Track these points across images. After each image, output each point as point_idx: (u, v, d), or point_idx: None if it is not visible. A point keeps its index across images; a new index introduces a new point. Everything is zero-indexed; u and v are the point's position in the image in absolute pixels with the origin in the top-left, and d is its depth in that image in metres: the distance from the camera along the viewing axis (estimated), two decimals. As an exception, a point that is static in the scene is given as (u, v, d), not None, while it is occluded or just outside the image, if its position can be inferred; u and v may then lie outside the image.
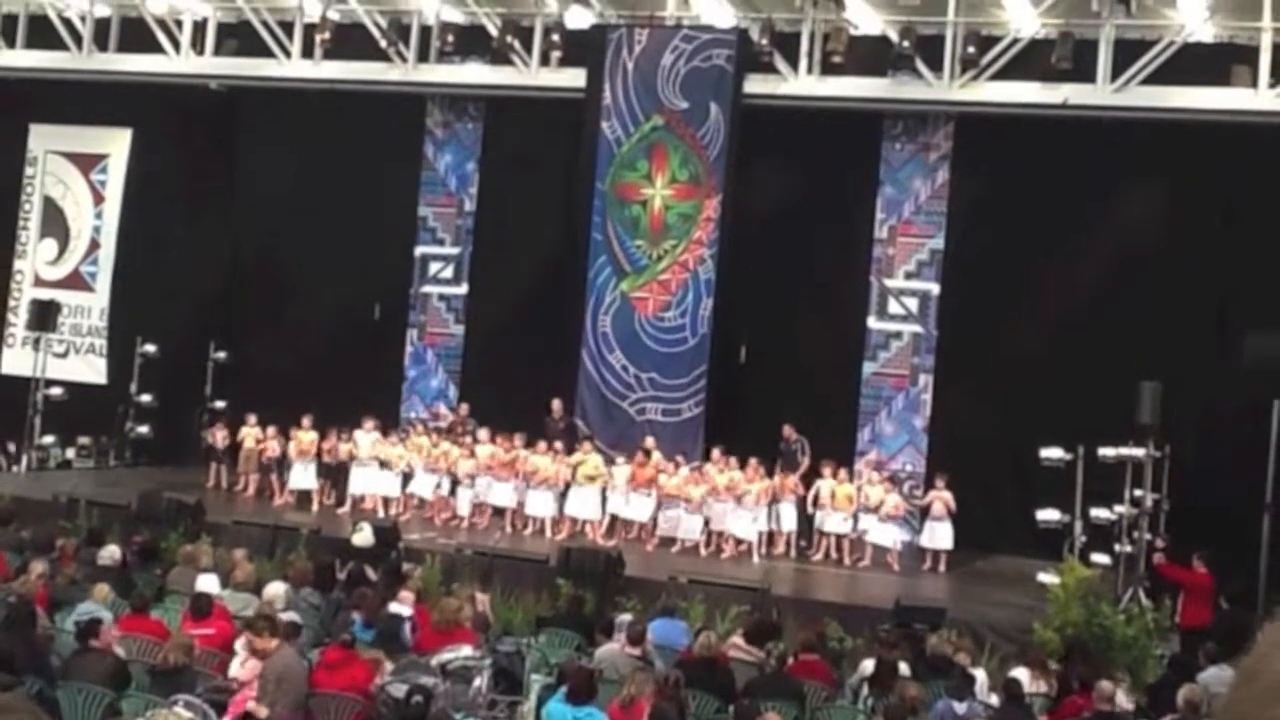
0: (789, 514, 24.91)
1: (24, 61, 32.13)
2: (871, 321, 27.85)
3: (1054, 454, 23.01)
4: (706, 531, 24.65)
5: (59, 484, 26.11)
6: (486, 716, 13.74)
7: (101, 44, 31.66)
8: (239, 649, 14.04)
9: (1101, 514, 22.61)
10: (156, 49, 30.90)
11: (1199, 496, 23.19)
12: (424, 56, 29.54)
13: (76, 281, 33.37)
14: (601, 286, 28.17)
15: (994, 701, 15.66)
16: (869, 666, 16.22)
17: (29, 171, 33.89)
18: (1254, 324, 23.45)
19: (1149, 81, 25.10)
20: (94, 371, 32.76)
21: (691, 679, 14.26)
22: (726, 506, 24.45)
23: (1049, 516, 23.01)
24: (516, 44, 28.50)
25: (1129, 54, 25.26)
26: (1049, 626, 19.07)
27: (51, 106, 32.91)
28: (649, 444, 25.69)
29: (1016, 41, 25.92)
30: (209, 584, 17.25)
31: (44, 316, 30.83)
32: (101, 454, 31.39)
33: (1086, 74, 25.34)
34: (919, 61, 26.17)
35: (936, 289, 27.53)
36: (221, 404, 29.82)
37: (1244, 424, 23.37)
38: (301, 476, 26.81)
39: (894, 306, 27.78)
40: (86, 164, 33.48)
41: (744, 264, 27.66)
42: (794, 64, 27.12)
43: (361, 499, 26.31)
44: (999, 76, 26.10)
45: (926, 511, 25.22)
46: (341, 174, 30.01)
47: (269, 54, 30.13)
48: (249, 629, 14.10)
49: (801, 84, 27.10)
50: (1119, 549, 22.40)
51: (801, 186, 27.68)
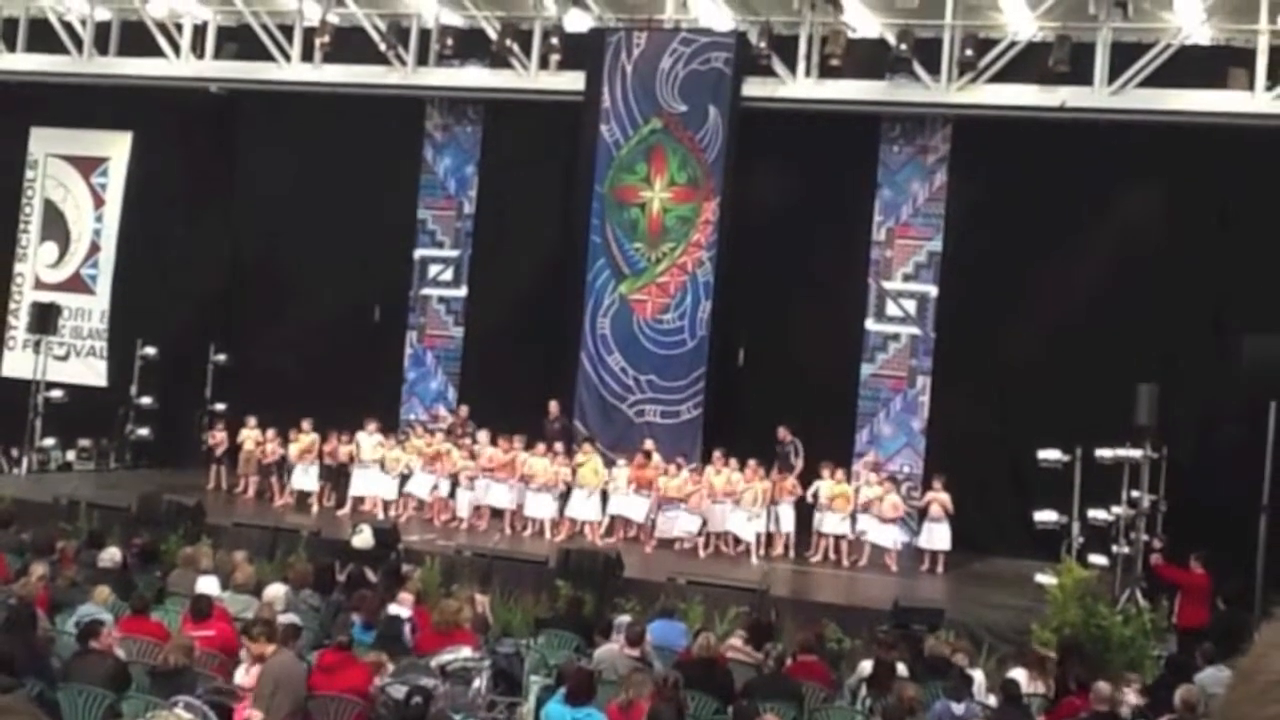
0: (788, 515, 24.95)
1: (25, 65, 32.18)
2: (869, 323, 27.88)
3: (1052, 455, 23.02)
4: (705, 533, 24.72)
5: (59, 486, 26.13)
6: (486, 717, 13.78)
7: (102, 47, 31.70)
8: (244, 655, 14.06)
9: (1099, 515, 22.61)
10: (157, 52, 30.93)
11: (1196, 498, 23.23)
12: (423, 60, 29.58)
13: (77, 284, 33.41)
14: (600, 289, 28.22)
15: (992, 702, 15.70)
16: (867, 667, 16.26)
17: (29, 174, 33.93)
18: (1251, 326, 23.41)
19: (1146, 84, 25.15)
20: (94, 374, 32.79)
21: (690, 680, 14.27)
22: (725, 508, 24.52)
23: (1046, 518, 23.03)
24: (515, 47, 28.54)
25: (1126, 57, 25.32)
26: (1047, 627, 19.08)
27: (52, 110, 32.96)
28: (649, 445, 25.73)
29: (1014, 44, 25.96)
30: (209, 586, 17.28)
31: (44, 319, 30.84)
32: (102, 456, 31.43)
33: (1084, 77, 25.39)
34: (917, 64, 26.20)
35: (934, 291, 27.57)
36: (221, 406, 29.82)
37: (1241, 425, 23.38)
38: (303, 478, 26.88)
39: (892, 308, 27.82)
40: (87, 167, 33.53)
41: (742, 266, 27.71)
42: (792, 67, 27.18)
43: (361, 501, 26.34)
44: (996, 79, 26.14)
45: (924, 513, 25.28)
46: (341, 177, 30.04)
47: (269, 57, 30.18)
48: (244, 634, 14.15)
49: (799, 87, 27.15)
50: (1116, 550, 22.39)
51: (800, 189, 27.71)
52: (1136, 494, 22.39)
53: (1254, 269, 24.95)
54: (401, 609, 16.57)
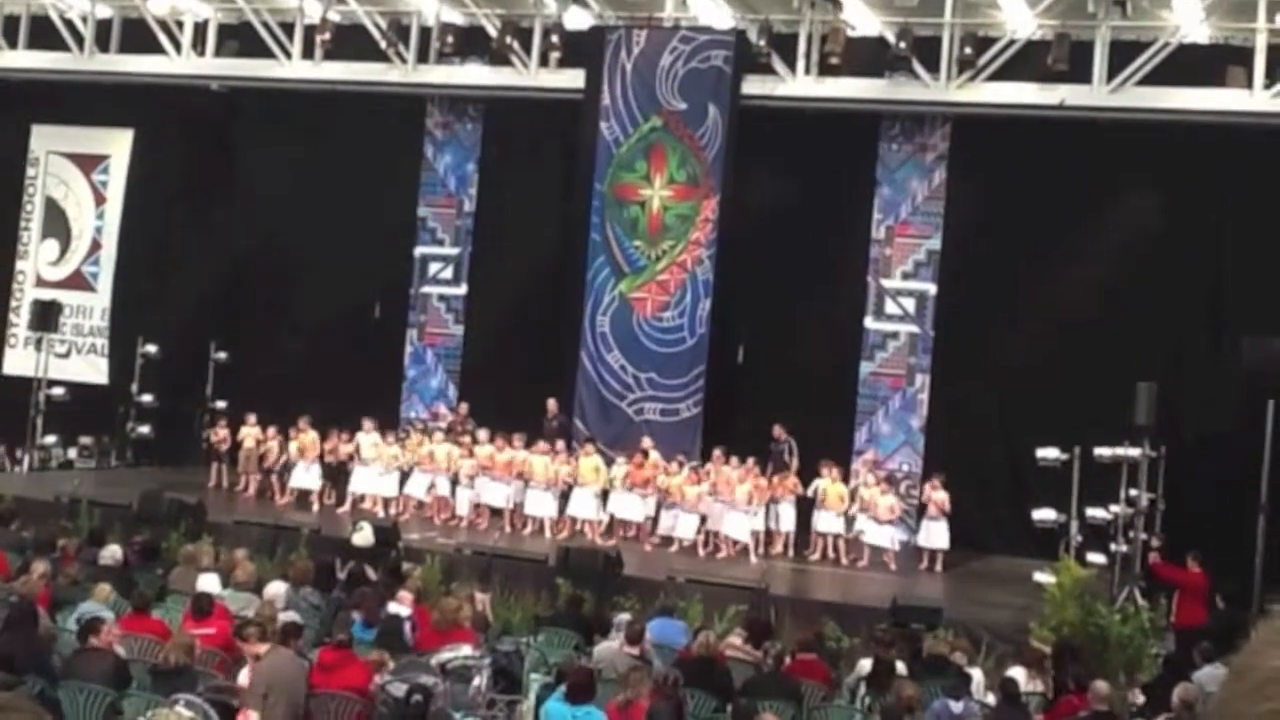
0: (788, 514, 24.99)
1: (26, 62, 32.20)
2: (869, 322, 27.93)
3: (1050, 454, 23.05)
4: (704, 531, 24.75)
5: (60, 484, 26.11)
6: (486, 715, 13.80)
7: (103, 45, 31.72)
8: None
9: (1097, 514, 22.65)
10: (158, 50, 30.96)
11: (1194, 497, 23.28)
12: (424, 57, 29.60)
13: (78, 282, 33.45)
14: (600, 287, 28.25)
15: (990, 701, 15.71)
16: (866, 666, 16.30)
17: (31, 172, 33.98)
18: (1249, 325, 23.45)
19: (1145, 82, 25.17)
20: (95, 371, 32.83)
21: (689, 678, 14.30)
22: (723, 506, 24.56)
23: (1045, 516, 23.07)
24: (516, 45, 28.57)
25: (1125, 55, 25.34)
26: (1045, 626, 19.12)
27: (53, 107, 32.97)
28: (646, 444, 25.74)
29: (1013, 43, 25.97)
30: (210, 584, 17.30)
31: (46, 317, 30.86)
32: (103, 454, 31.50)
33: (1083, 75, 25.40)
34: (916, 63, 26.21)
35: (933, 289, 27.62)
36: (222, 404, 29.85)
37: (1239, 425, 23.42)
38: (304, 476, 26.92)
39: (891, 307, 27.86)
40: (88, 164, 33.57)
41: (742, 264, 27.75)
42: (791, 65, 27.21)
43: (362, 499, 26.40)
44: (995, 77, 26.15)
45: (923, 511, 25.32)
46: (341, 174, 30.08)
47: (269, 55, 30.19)
48: (236, 635, 14.14)
49: (799, 85, 27.18)
50: (1114, 549, 22.41)
51: (799, 187, 27.72)
52: (1135, 493, 22.38)
53: (1252, 268, 25.01)
54: (401, 607, 16.59)
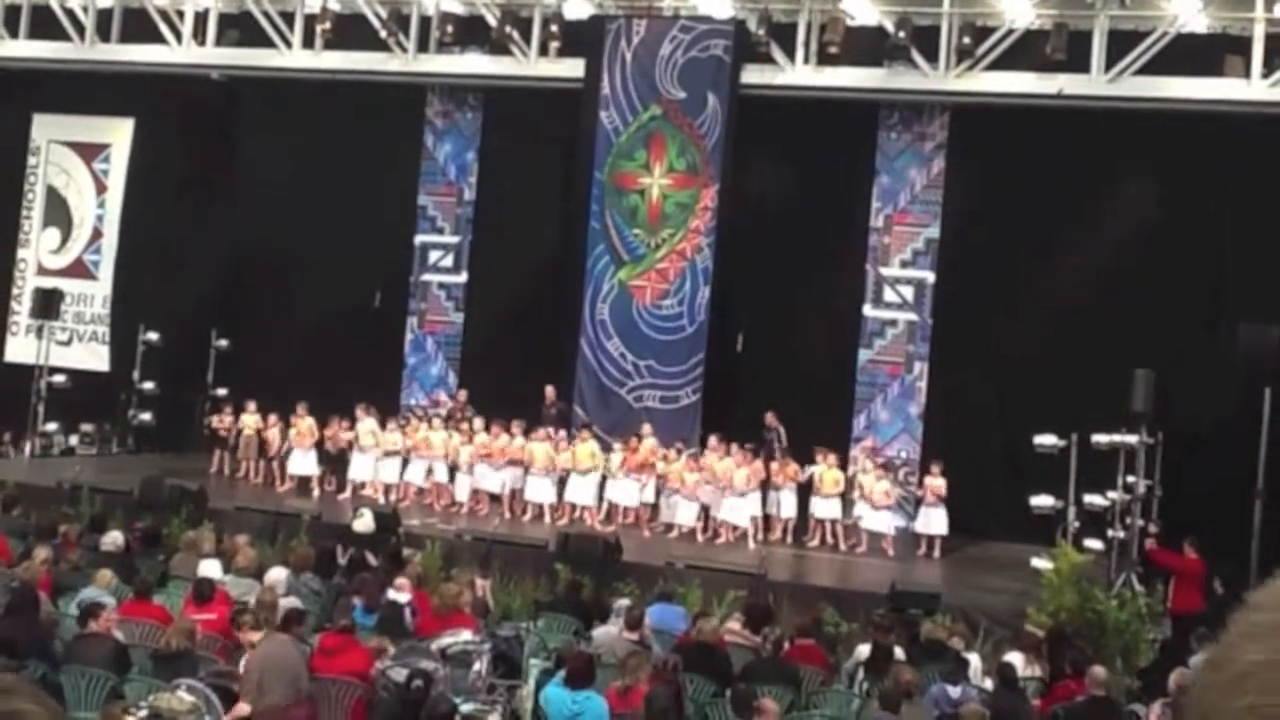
0: (788, 500, 25.04)
1: (27, 51, 32.23)
2: (867, 309, 27.98)
3: (1048, 441, 23.04)
4: (703, 517, 24.83)
5: (62, 470, 26.14)
6: (486, 700, 13.81)
7: (104, 34, 31.72)
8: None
9: (1095, 500, 22.67)
10: (158, 39, 30.99)
11: (1191, 483, 23.32)
12: (424, 47, 29.66)
13: (79, 270, 33.52)
14: (600, 275, 28.31)
15: (988, 685, 15.73)
16: (864, 651, 16.34)
17: (32, 161, 34.03)
18: (1246, 313, 23.47)
19: (1143, 72, 25.22)
20: (97, 359, 32.91)
21: (689, 663, 14.35)
22: (722, 492, 24.63)
23: (1043, 502, 23.07)
24: (515, 34, 28.61)
25: (1123, 44, 25.38)
26: (1042, 611, 19.16)
27: (54, 96, 33.02)
28: (646, 430, 25.79)
29: (1011, 32, 26.01)
30: (211, 569, 17.37)
31: (47, 304, 30.91)
32: (104, 441, 31.60)
33: (1081, 64, 25.45)
34: (915, 52, 26.28)
35: (932, 277, 27.67)
36: (223, 391, 29.92)
37: (1236, 412, 23.47)
38: (301, 462, 27.01)
39: (889, 295, 27.92)
40: (89, 153, 33.63)
41: (741, 253, 27.82)
42: (791, 54, 27.25)
43: (362, 485, 26.44)
44: (994, 67, 26.21)
45: (921, 497, 25.38)
46: (342, 163, 30.11)
47: (270, 44, 30.27)
48: (231, 623, 14.19)
49: (798, 74, 27.23)
50: (1112, 535, 22.47)
51: (798, 176, 27.80)
52: (1132, 479, 22.42)
53: (1249, 255, 25.07)
54: (400, 594, 16.64)
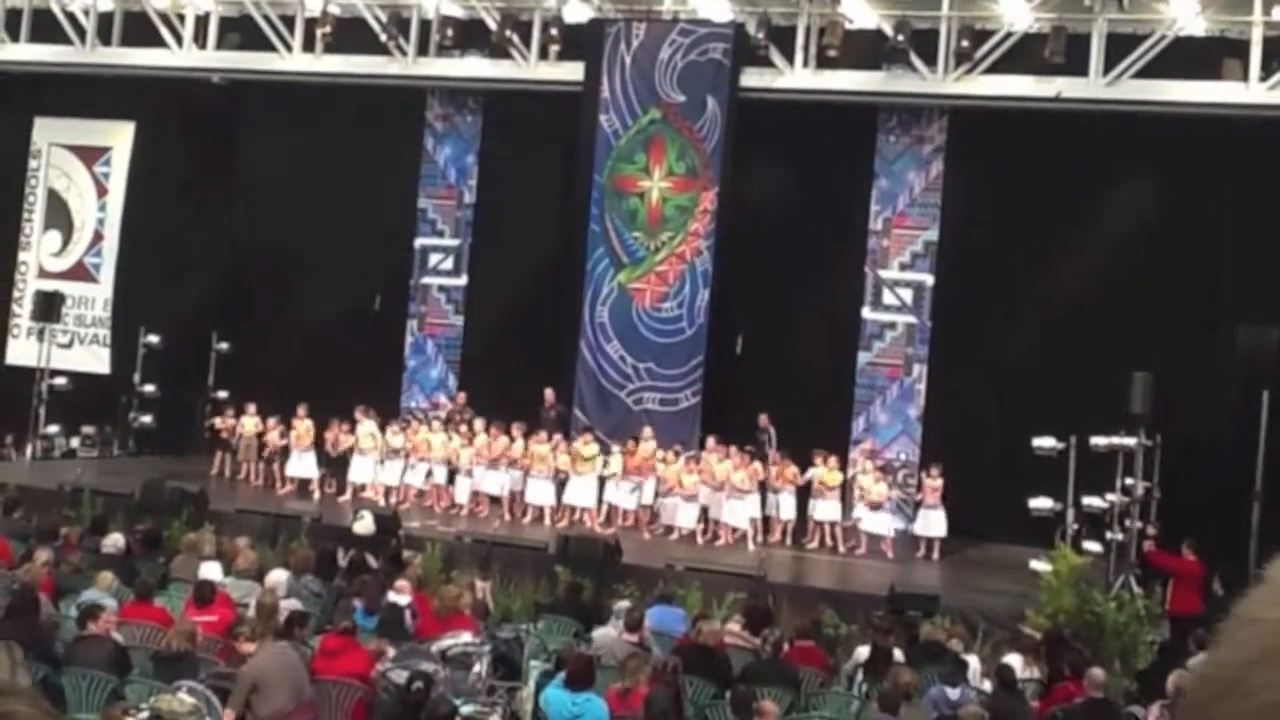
0: (788, 503, 25.05)
1: (28, 55, 32.29)
2: (866, 312, 28.03)
3: (1046, 443, 23.04)
4: (703, 519, 24.87)
5: (63, 473, 26.14)
6: (486, 702, 13.83)
7: (105, 38, 31.77)
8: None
9: (1093, 502, 22.70)
10: (159, 43, 31.05)
11: (1190, 485, 23.34)
12: (424, 50, 29.70)
13: (80, 273, 33.58)
14: (599, 278, 28.36)
15: (987, 687, 15.72)
16: (863, 653, 16.35)
17: (33, 164, 34.09)
18: (1245, 315, 23.51)
19: (1141, 75, 25.26)
20: (98, 361, 32.96)
21: (688, 665, 14.36)
22: (720, 495, 24.67)
23: (1041, 505, 23.09)
24: (515, 38, 28.67)
25: (1121, 48, 25.42)
26: (1041, 613, 19.20)
27: (55, 100, 33.06)
28: (646, 434, 25.83)
29: (1010, 35, 26.06)
30: (212, 572, 17.37)
31: (48, 307, 30.95)
32: (105, 443, 31.64)
33: (1079, 68, 25.47)
34: (913, 55, 26.33)
35: (930, 280, 27.71)
36: (224, 394, 29.96)
37: (1234, 414, 23.49)
38: (299, 465, 27.06)
39: (888, 297, 27.97)
40: (90, 156, 33.68)
41: (740, 255, 27.87)
42: (790, 58, 27.30)
43: (362, 488, 26.45)
44: (992, 70, 26.25)
45: (920, 500, 25.41)
46: (342, 166, 30.17)
47: (270, 48, 30.32)
48: (229, 635, 14.21)
49: (797, 78, 27.27)
50: (1110, 537, 22.48)
51: (797, 179, 27.88)
52: (1130, 481, 22.43)
53: (1248, 258, 25.08)
54: (400, 596, 16.67)
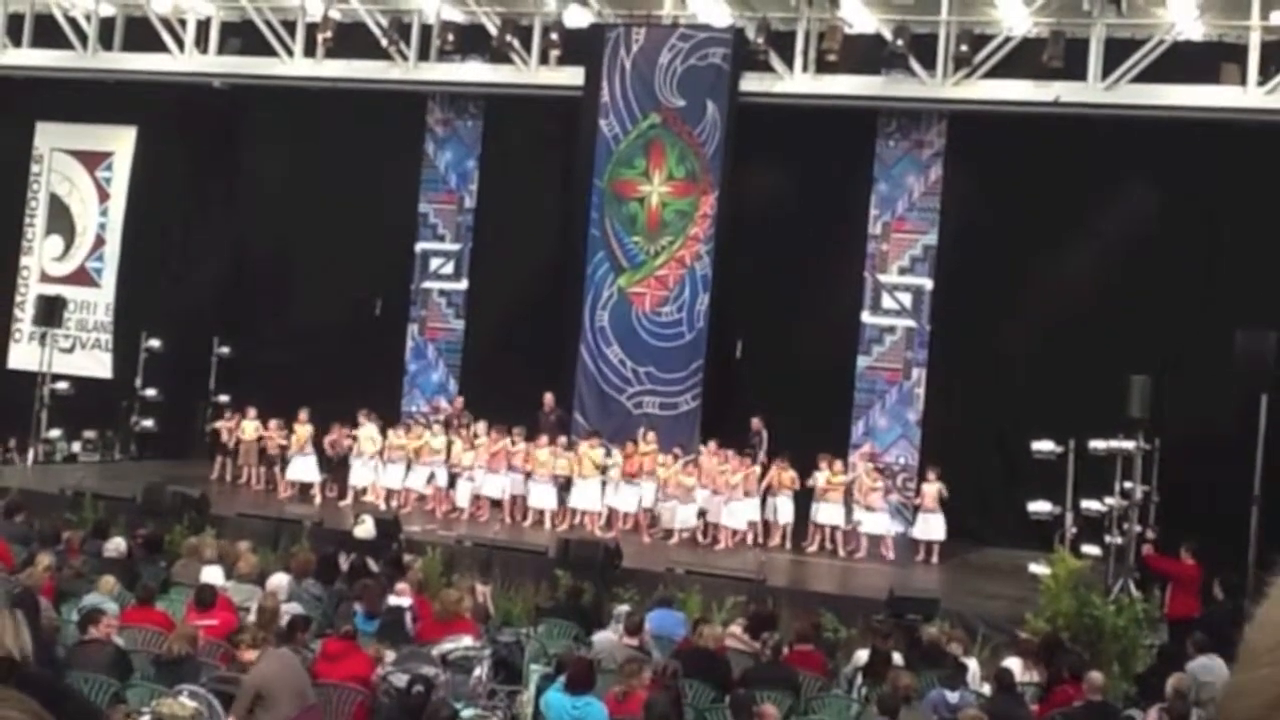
0: (785, 507, 25.10)
1: (30, 60, 32.30)
2: (865, 316, 28.05)
3: (1045, 447, 23.09)
4: (703, 523, 24.92)
5: (65, 477, 26.26)
6: (486, 706, 13.86)
7: (106, 43, 31.81)
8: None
9: (1092, 506, 22.74)
10: (161, 48, 31.08)
11: (1188, 489, 23.33)
12: (424, 55, 29.72)
13: (82, 277, 33.60)
14: (599, 282, 28.40)
15: (986, 691, 15.74)
16: (863, 656, 16.39)
17: (35, 169, 34.11)
18: (1242, 319, 23.54)
19: (1140, 79, 25.28)
20: (99, 366, 32.96)
21: (688, 669, 14.42)
22: (721, 498, 24.72)
23: (1040, 508, 23.16)
24: (516, 43, 28.72)
25: (1120, 52, 25.44)
26: (1040, 617, 19.23)
27: (57, 105, 33.10)
28: (650, 438, 25.82)
29: (1009, 40, 26.08)
30: (213, 575, 17.44)
31: (50, 312, 31.00)
32: (107, 447, 31.68)
33: (1078, 72, 25.52)
34: (912, 60, 26.34)
35: (930, 284, 27.74)
36: (225, 398, 30.04)
37: (1233, 418, 23.50)
38: (299, 468, 27.12)
39: (888, 301, 27.99)
40: (92, 161, 33.71)
41: (740, 260, 27.94)
42: (789, 62, 27.32)
43: (363, 491, 26.51)
44: (991, 75, 26.25)
45: (919, 504, 25.45)
46: (343, 171, 30.22)
47: (272, 53, 30.32)
48: (230, 643, 14.24)
49: (796, 82, 27.29)
50: (1109, 540, 22.52)
51: (796, 183, 27.92)
52: (1129, 485, 22.43)
53: (1246, 262, 25.11)
54: (400, 599, 16.71)
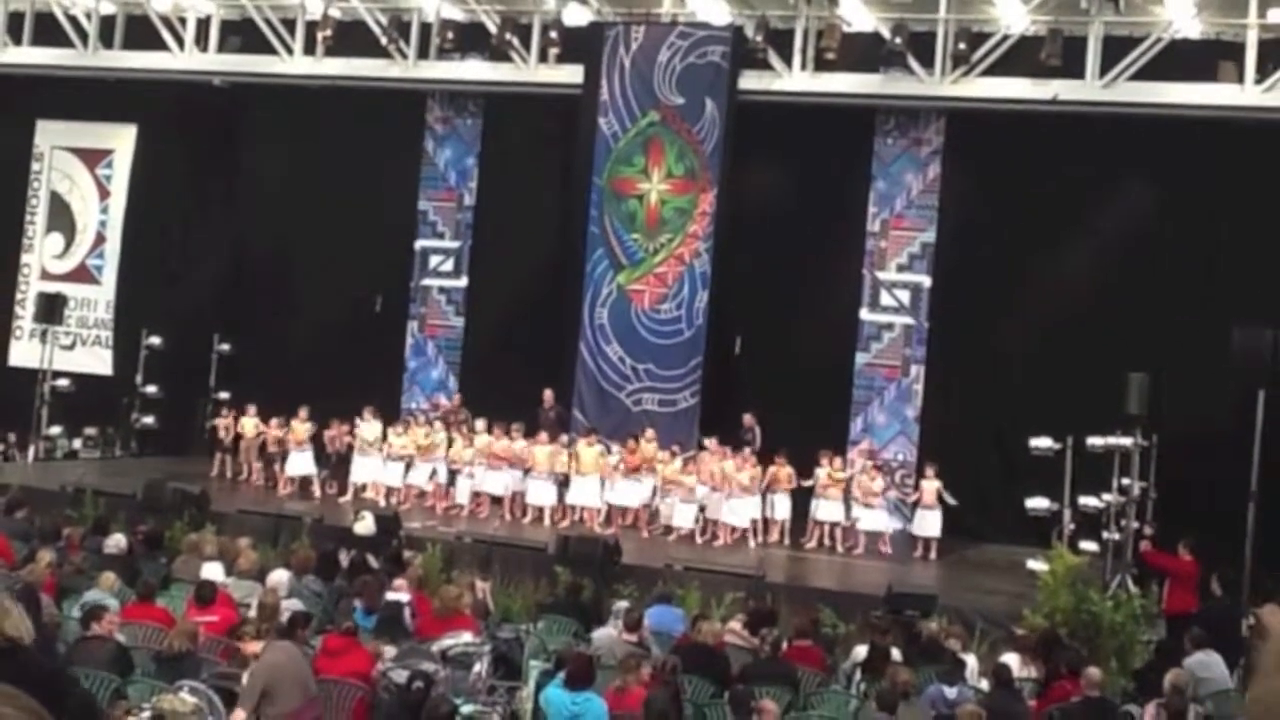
0: (783, 503, 25.13)
1: (30, 58, 32.36)
2: (864, 313, 28.10)
3: (1043, 443, 23.11)
4: (702, 519, 24.98)
5: (66, 474, 26.32)
6: (486, 702, 13.86)
7: (107, 41, 31.86)
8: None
9: (1090, 502, 22.80)
10: (161, 46, 31.14)
11: (1186, 485, 23.39)
12: (424, 53, 29.78)
13: (83, 275, 33.67)
14: (599, 279, 28.46)
15: (984, 686, 15.76)
16: (861, 652, 16.36)
17: (35, 167, 34.19)
18: (1239, 316, 23.58)
19: (1137, 77, 25.33)
20: (100, 363, 33.05)
21: (687, 664, 14.43)
22: (720, 495, 24.78)
23: (1038, 505, 23.19)
24: (515, 41, 28.77)
25: (1117, 50, 25.49)
26: (1038, 613, 19.26)
27: (58, 103, 33.16)
28: (649, 435, 25.91)
29: (1007, 38, 26.14)
30: (213, 572, 17.44)
31: (51, 309, 31.09)
32: (107, 444, 31.77)
33: (1076, 70, 25.55)
34: (911, 58, 26.40)
35: (928, 281, 27.79)
36: (225, 395, 30.09)
37: (1230, 414, 23.53)
38: (298, 463, 27.18)
39: (886, 299, 28.04)
40: (92, 159, 33.78)
41: (739, 257, 27.99)
42: (788, 60, 27.38)
43: (363, 488, 26.57)
44: (990, 72, 26.31)
45: (917, 500, 25.51)
46: (343, 169, 30.29)
47: (271, 51, 30.40)
48: (231, 636, 14.28)
49: (795, 80, 27.35)
50: (1107, 537, 22.61)
51: (795, 181, 27.98)
52: (1127, 481, 22.51)
53: (1243, 259, 25.16)
54: (399, 595, 16.73)
